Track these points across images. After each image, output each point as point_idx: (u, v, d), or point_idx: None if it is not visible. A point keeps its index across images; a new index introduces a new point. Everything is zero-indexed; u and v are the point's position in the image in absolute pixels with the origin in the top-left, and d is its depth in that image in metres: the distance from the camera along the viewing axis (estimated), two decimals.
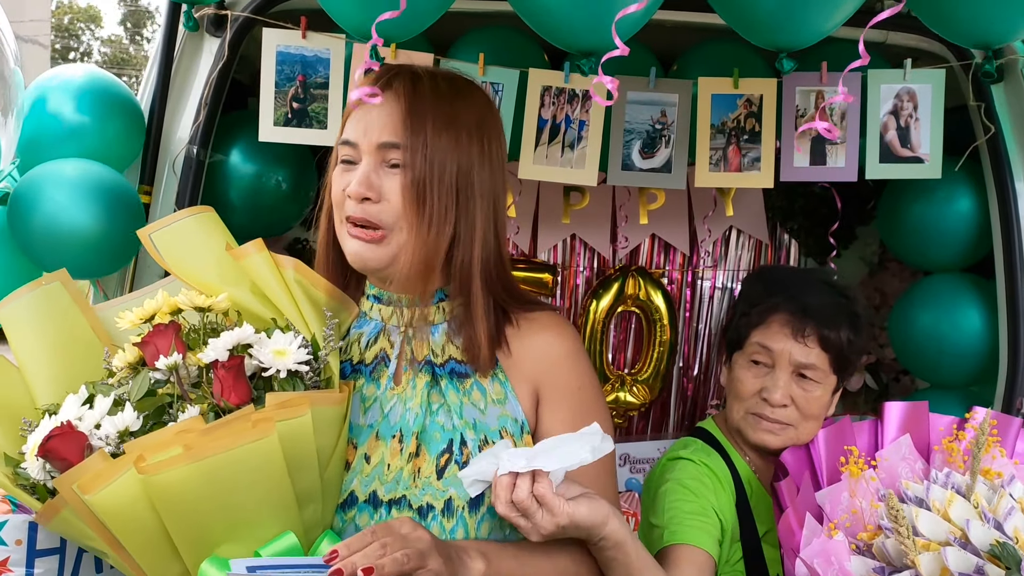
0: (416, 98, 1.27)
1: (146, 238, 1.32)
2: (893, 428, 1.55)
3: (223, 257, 1.28)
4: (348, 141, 1.30)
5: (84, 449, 1.10)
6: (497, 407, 1.32)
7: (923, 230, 2.37)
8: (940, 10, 1.54)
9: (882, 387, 2.87)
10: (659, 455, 2.87)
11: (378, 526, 1.14)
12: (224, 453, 1.04)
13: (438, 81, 1.32)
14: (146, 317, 1.19)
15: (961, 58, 2.17)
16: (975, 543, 1.19)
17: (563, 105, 2.13)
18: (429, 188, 1.26)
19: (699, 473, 1.64)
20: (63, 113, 1.96)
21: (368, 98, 1.24)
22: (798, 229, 2.94)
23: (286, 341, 1.17)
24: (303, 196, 2.53)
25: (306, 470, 1.14)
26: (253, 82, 2.39)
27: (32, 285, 1.30)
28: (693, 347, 3.03)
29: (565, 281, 2.96)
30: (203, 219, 1.32)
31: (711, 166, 2.16)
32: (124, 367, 1.18)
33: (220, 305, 1.21)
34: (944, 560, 1.17)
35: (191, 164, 2.10)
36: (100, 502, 1.05)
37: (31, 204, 1.85)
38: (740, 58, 2.17)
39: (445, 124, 1.28)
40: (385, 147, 1.27)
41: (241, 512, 1.10)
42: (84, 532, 1.12)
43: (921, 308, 2.42)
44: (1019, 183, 2.19)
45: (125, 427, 1.11)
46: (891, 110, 2.13)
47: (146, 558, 1.11)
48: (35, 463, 1.13)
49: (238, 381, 1.12)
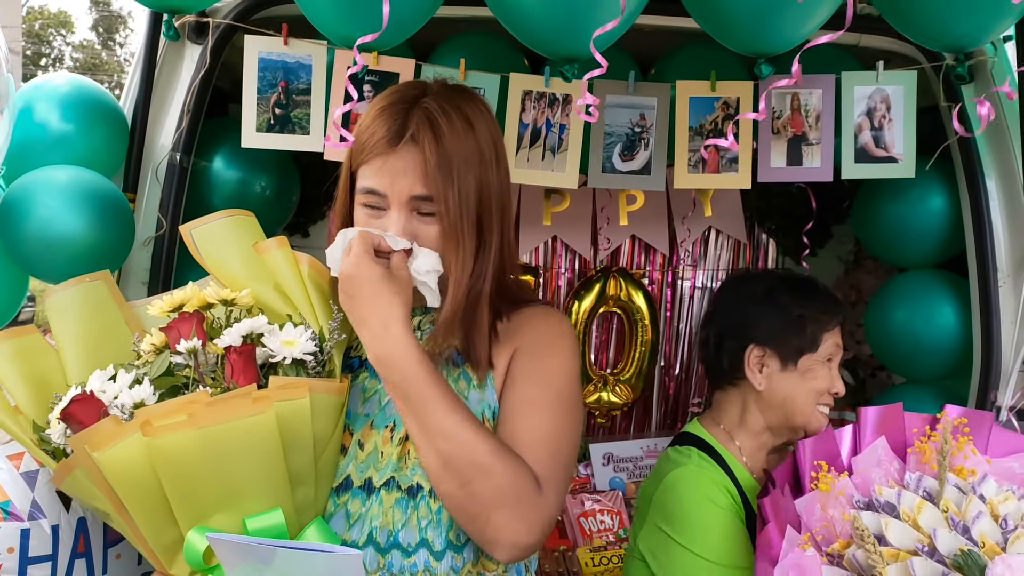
0: (439, 147, 1.28)
1: (187, 233, 1.40)
2: (869, 432, 1.56)
3: (252, 255, 1.36)
4: (375, 191, 1.31)
5: (101, 415, 1.18)
6: (478, 392, 1.35)
7: (897, 228, 2.42)
8: (911, 15, 1.59)
9: (859, 383, 2.92)
10: (642, 454, 2.92)
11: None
12: (223, 424, 1.12)
13: (452, 116, 1.31)
14: (175, 306, 1.29)
15: (932, 60, 2.22)
16: (942, 551, 1.20)
17: (544, 109, 2.16)
18: (461, 227, 1.30)
19: (711, 483, 1.68)
20: (49, 121, 1.96)
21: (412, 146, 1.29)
22: (776, 229, 2.99)
23: (296, 333, 1.25)
24: (287, 201, 2.54)
25: (301, 452, 1.21)
26: (234, 89, 2.40)
27: (76, 280, 1.44)
28: (674, 347, 3.06)
29: (547, 283, 2.98)
30: (240, 221, 1.41)
31: (690, 168, 2.19)
32: (150, 350, 1.27)
33: (244, 300, 1.30)
34: (911, 570, 1.19)
35: (174, 171, 2.11)
36: (106, 460, 1.13)
37: (24, 210, 1.85)
38: (717, 61, 2.20)
39: (468, 162, 1.30)
40: (418, 199, 1.30)
41: (235, 482, 1.17)
42: (92, 493, 1.20)
43: (896, 304, 2.47)
44: (990, 181, 2.25)
45: (141, 399, 1.20)
46: (865, 111, 2.17)
47: (145, 520, 1.19)
48: (58, 427, 1.23)
49: (248, 366, 1.20)
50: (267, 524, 1.18)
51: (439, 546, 1.30)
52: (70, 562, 1.45)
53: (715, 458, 1.73)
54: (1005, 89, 1.67)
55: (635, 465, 2.89)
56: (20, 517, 1.41)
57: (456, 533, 1.30)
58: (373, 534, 1.30)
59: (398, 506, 1.30)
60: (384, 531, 1.30)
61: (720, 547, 1.62)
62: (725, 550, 1.62)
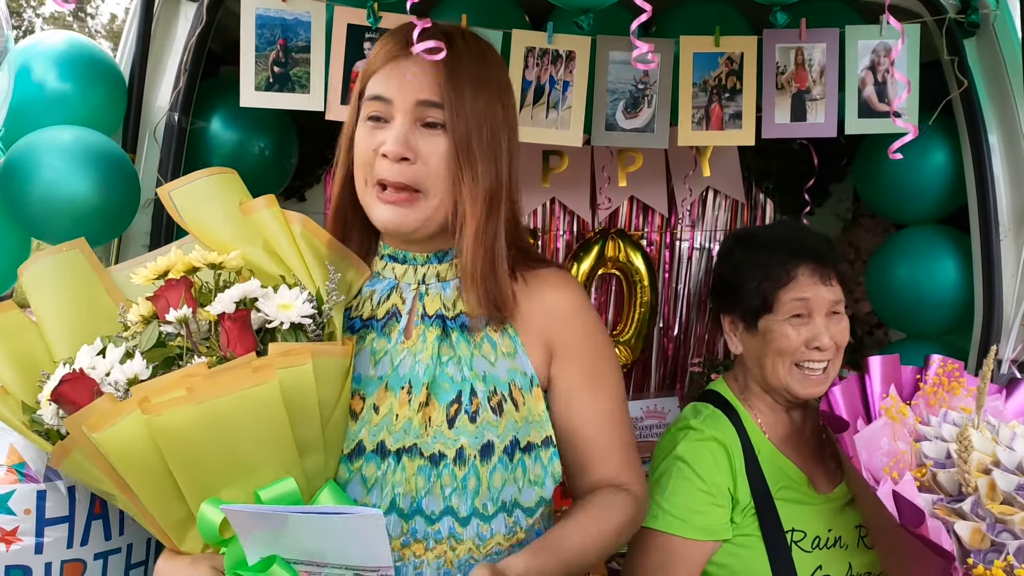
0: (454, 57, 1.25)
1: (165, 196, 1.33)
2: (877, 381, 1.65)
3: (238, 215, 1.29)
4: (381, 96, 1.27)
5: (94, 394, 1.12)
6: (507, 360, 1.33)
7: (899, 184, 2.42)
8: None
9: (857, 340, 2.94)
10: (642, 414, 2.93)
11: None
12: (225, 396, 1.07)
13: (469, 41, 1.31)
14: (159, 273, 1.21)
15: (935, 13, 2.21)
16: (1009, 464, 1.30)
17: (547, 66, 2.13)
18: (472, 151, 1.25)
19: (708, 451, 1.67)
20: (46, 81, 1.91)
21: (428, 54, 1.21)
22: (773, 188, 2.98)
23: (292, 296, 1.19)
24: (286, 163, 2.50)
25: (308, 419, 1.17)
26: (226, 50, 2.36)
27: (53, 250, 1.36)
28: (673, 308, 3.07)
29: (545, 245, 2.97)
30: (222, 179, 1.34)
31: (693, 125, 2.17)
32: (138, 321, 1.20)
33: (232, 263, 1.22)
34: (996, 482, 1.30)
35: (172, 131, 2.07)
36: (107, 441, 1.08)
37: (28, 172, 1.81)
38: (720, 16, 2.18)
39: (480, 86, 1.27)
40: (424, 105, 1.25)
41: (242, 455, 1.13)
42: (93, 474, 1.15)
43: (898, 260, 2.47)
44: (992, 136, 2.24)
45: (134, 375, 1.14)
46: (868, 65, 2.16)
47: (152, 499, 1.15)
48: (49, 408, 1.17)
49: (244, 333, 1.14)
50: (279, 493, 1.15)
51: (464, 512, 1.28)
52: (87, 523, 1.44)
53: (731, 416, 1.73)
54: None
55: (636, 426, 2.90)
56: (36, 479, 1.39)
57: (483, 503, 1.28)
58: (396, 501, 1.27)
59: (421, 473, 1.27)
60: (407, 497, 1.27)
61: (668, 496, 1.65)
62: (676, 503, 1.65)
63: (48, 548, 1.40)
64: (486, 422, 1.27)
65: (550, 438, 1.34)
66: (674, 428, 1.77)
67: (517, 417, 1.30)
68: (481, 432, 1.27)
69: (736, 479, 1.67)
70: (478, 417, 1.27)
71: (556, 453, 1.34)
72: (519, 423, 1.30)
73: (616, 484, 1.39)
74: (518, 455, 1.30)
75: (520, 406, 1.31)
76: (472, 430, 1.27)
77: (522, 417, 1.30)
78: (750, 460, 1.69)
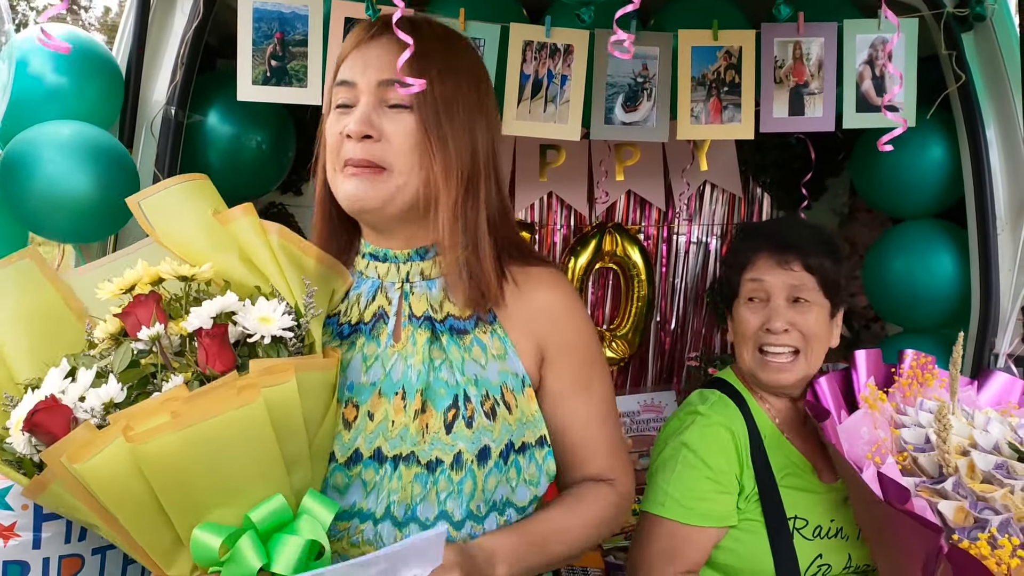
0: (419, 39, 1.22)
1: (135, 206, 1.27)
2: (864, 374, 1.70)
3: (212, 224, 1.24)
4: (345, 81, 1.27)
5: (70, 422, 1.07)
6: (497, 362, 1.31)
7: (896, 178, 2.42)
8: None
9: (854, 334, 2.94)
10: (639, 408, 2.93)
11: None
12: (211, 420, 1.03)
13: (436, 28, 1.31)
14: (126, 287, 1.16)
15: (933, 7, 2.21)
16: (986, 445, 1.37)
17: (545, 60, 2.13)
18: (443, 127, 1.24)
19: (715, 438, 1.69)
20: (43, 75, 1.90)
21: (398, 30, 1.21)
22: (770, 182, 2.99)
23: (270, 308, 1.15)
24: (283, 157, 2.50)
25: (294, 435, 1.13)
26: (222, 44, 2.35)
27: (2, 262, 1.27)
28: (670, 302, 3.07)
29: (543, 239, 2.97)
30: (194, 186, 1.28)
31: (692, 118, 2.17)
32: (106, 338, 1.14)
33: (203, 275, 1.18)
34: (975, 463, 1.36)
35: (169, 125, 2.06)
36: (89, 472, 1.03)
37: (28, 167, 1.79)
38: (718, 10, 2.18)
39: (448, 68, 1.26)
40: (387, 84, 1.24)
41: (231, 478, 1.09)
42: (74, 505, 1.10)
43: (895, 254, 2.48)
44: (989, 131, 2.25)
45: (110, 399, 1.08)
46: (866, 60, 2.16)
47: (138, 527, 1.11)
48: (20, 438, 1.10)
49: (223, 349, 1.10)
50: (269, 511, 1.12)
51: (459, 516, 1.26)
52: None
53: (738, 402, 1.75)
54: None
55: (632, 420, 2.90)
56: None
57: (477, 504, 1.27)
58: (391, 508, 1.26)
59: (417, 480, 1.25)
60: (402, 505, 1.25)
61: (674, 482, 1.68)
62: (683, 490, 1.67)
63: (46, 543, 1.39)
64: (482, 427, 1.26)
65: (544, 437, 1.33)
66: (681, 413, 1.78)
67: (511, 420, 1.29)
68: (478, 437, 1.26)
69: (742, 466, 1.68)
70: (474, 422, 1.26)
71: (551, 452, 1.33)
72: (513, 426, 1.29)
73: (601, 479, 1.40)
74: (513, 456, 1.29)
75: (513, 408, 1.30)
76: (469, 435, 1.25)
77: (516, 419, 1.29)
78: (756, 446, 1.71)
